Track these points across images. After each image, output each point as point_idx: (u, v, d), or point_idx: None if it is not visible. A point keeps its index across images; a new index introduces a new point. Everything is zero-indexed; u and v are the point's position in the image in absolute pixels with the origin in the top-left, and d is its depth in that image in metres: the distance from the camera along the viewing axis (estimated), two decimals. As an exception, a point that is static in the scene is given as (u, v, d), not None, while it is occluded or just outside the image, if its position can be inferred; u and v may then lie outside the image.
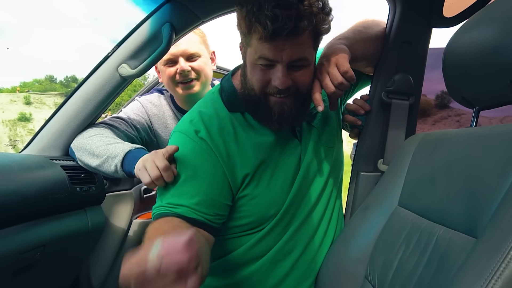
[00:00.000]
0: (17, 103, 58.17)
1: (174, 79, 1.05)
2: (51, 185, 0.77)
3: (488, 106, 0.67)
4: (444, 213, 0.57)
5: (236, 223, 0.78)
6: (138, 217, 1.32)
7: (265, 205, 0.77)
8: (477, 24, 0.63)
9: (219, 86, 0.83)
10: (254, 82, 0.71)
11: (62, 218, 0.81)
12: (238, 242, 0.80)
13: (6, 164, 0.70)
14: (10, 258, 0.64)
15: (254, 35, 0.66)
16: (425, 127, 2.22)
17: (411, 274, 0.58)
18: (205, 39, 1.10)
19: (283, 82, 0.68)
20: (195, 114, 0.78)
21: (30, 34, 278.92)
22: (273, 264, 0.80)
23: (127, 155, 0.81)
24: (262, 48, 0.66)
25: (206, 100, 0.82)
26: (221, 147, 0.74)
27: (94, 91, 0.91)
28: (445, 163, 0.62)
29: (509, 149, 0.48)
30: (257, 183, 0.76)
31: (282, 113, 0.72)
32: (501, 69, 0.56)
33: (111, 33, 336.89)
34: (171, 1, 0.85)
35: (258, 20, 0.63)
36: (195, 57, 1.05)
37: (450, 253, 0.52)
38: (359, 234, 0.78)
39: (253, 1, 0.63)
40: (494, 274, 0.37)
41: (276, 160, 0.78)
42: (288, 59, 0.67)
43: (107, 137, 0.90)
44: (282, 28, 0.62)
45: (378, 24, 0.92)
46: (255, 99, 0.73)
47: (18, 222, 0.68)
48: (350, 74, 0.72)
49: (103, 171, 0.86)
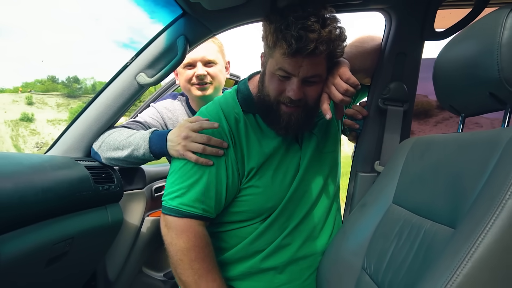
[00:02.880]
0: (19, 103, 58.23)
1: (191, 81, 1.15)
2: (78, 184, 0.85)
3: (473, 113, 0.73)
4: (431, 209, 0.64)
5: (237, 214, 0.86)
6: (149, 215, 1.38)
7: (264, 197, 0.85)
8: (462, 40, 0.70)
9: (236, 88, 0.91)
10: (271, 90, 0.80)
11: (87, 214, 0.89)
12: (239, 235, 0.87)
13: (40, 164, 0.78)
14: (45, 248, 0.72)
15: (278, 49, 0.75)
16: (426, 128, 2.26)
17: (402, 263, 0.65)
18: (222, 48, 1.20)
19: (296, 94, 0.77)
20: (216, 106, 0.87)
21: (32, 34, 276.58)
22: (274, 255, 0.86)
23: (151, 140, 0.90)
24: (282, 62, 0.75)
25: (225, 98, 0.90)
26: (235, 137, 0.83)
27: (114, 98, 0.99)
28: (433, 165, 0.68)
29: (484, 152, 0.54)
30: (259, 177, 0.84)
31: (289, 121, 0.81)
32: (481, 82, 0.62)
33: (112, 33, 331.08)
34: (185, 15, 0.93)
35: (285, 38, 0.72)
36: (211, 63, 1.15)
37: (434, 244, 0.58)
38: (357, 229, 0.84)
39: (282, 20, 0.73)
40: (466, 256, 0.44)
41: (278, 160, 0.86)
42: (304, 75, 0.76)
43: (125, 132, 0.98)
44: (304, 48, 0.71)
45: (373, 39, 0.99)
46: (268, 105, 0.82)
47: (52, 216, 0.75)
48: (353, 80, 0.79)
49: (132, 160, 0.94)
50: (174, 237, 0.78)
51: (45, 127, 53.57)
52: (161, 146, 0.87)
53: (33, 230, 0.68)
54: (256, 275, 0.87)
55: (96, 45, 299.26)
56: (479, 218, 0.47)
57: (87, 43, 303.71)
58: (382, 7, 0.93)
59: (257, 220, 0.86)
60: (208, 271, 0.77)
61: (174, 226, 0.78)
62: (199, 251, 0.77)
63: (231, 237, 0.88)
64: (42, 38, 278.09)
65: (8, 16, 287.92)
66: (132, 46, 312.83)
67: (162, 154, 0.90)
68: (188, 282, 0.76)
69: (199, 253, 0.77)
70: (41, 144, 41.49)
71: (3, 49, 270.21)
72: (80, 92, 71.81)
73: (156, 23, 1.20)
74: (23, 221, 0.67)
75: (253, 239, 0.86)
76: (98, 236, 0.95)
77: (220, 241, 0.89)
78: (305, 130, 0.89)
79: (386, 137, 0.95)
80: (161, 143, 0.88)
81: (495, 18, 0.60)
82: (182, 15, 0.94)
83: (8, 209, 0.63)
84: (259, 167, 0.84)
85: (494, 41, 0.59)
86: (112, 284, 1.23)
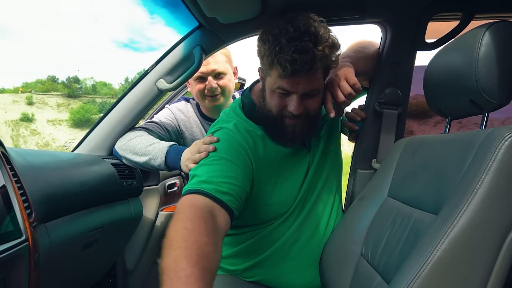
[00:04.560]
0: (19, 103, 58.04)
1: (203, 93, 1.22)
2: (106, 179, 0.94)
3: (458, 116, 0.81)
4: (420, 200, 0.70)
5: (250, 219, 0.89)
6: (163, 209, 1.46)
7: (278, 206, 0.88)
8: (447, 52, 0.77)
9: (239, 101, 0.94)
10: (272, 106, 0.82)
11: (114, 206, 0.98)
12: (250, 235, 0.91)
13: (75, 161, 0.87)
14: (83, 234, 0.81)
15: (274, 71, 0.76)
16: (426, 128, 2.28)
17: (395, 248, 0.71)
18: (230, 57, 1.27)
19: (297, 109, 0.79)
20: (227, 120, 0.88)
21: (32, 34, 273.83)
22: (283, 251, 0.90)
23: (168, 154, 0.98)
24: (280, 81, 0.77)
25: (231, 113, 0.92)
26: (249, 149, 0.84)
27: (136, 102, 1.08)
28: (422, 161, 0.75)
29: (463, 150, 0.62)
30: (273, 187, 0.86)
31: (294, 132, 0.84)
32: (463, 90, 0.70)
33: (112, 33, 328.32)
34: (201, 27, 1.03)
35: (279, 62, 0.72)
36: (221, 75, 1.22)
37: (421, 229, 0.65)
38: (356, 220, 0.90)
39: (275, 43, 0.73)
40: (443, 235, 0.53)
41: (289, 168, 0.89)
42: (302, 91, 0.78)
43: (145, 139, 1.06)
44: (299, 70, 0.72)
45: (373, 45, 1.05)
46: (272, 120, 0.84)
47: (87, 207, 0.85)
48: (358, 86, 0.84)
49: (148, 167, 1.03)
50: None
51: (45, 127, 53.51)
52: (176, 161, 0.96)
53: (74, 219, 0.78)
54: (262, 268, 0.92)
55: (96, 45, 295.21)
56: (455, 204, 0.55)
57: (87, 43, 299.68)
58: (378, 20, 1.01)
59: (269, 223, 0.90)
60: None
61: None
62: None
63: (241, 236, 0.92)
64: (42, 38, 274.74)
65: (8, 16, 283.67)
66: (132, 46, 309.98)
67: (175, 168, 0.98)
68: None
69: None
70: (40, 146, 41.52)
71: (3, 49, 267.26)
72: (80, 92, 71.67)
73: (156, 23, 1.27)
74: (66, 210, 0.77)
75: (263, 237, 0.90)
76: (122, 226, 1.04)
77: (229, 238, 0.93)
78: (310, 137, 0.92)
79: (382, 138, 1.02)
80: (176, 159, 0.96)
81: (474, 36, 0.68)
82: (198, 27, 1.03)
83: (56, 199, 0.72)
84: (270, 178, 0.85)
85: (472, 55, 0.66)
86: (130, 273, 1.32)
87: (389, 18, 1.00)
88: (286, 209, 0.89)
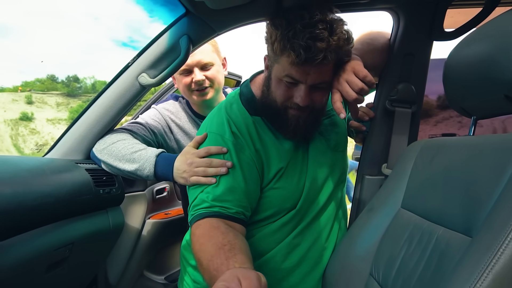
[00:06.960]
0: (18, 102, 58.27)
1: (190, 87, 1.11)
2: (78, 187, 0.83)
3: (485, 116, 0.72)
4: (444, 215, 0.62)
5: (255, 215, 0.83)
6: (151, 217, 1.38)
7: (282, 198, 0.83)
8: (475, 40, 0.68)
9: (238, 91, 0.89)
10: (278, 96, 0.78)
11: (88, 218, 0.87)
12: (250, 234, 0.84)
13: (39, 168, 0.76)
14: (45, 254, 0.70)
15: (285, 57, 0.72)
16: (426, 128, 2.25)
17: (413, 271, 0.63)
18: (217, 47, 1.16)
19: (304, 100, 0.76)
20: (222, 114, 0.84)
21: (32, 33, 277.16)
22: (284, 255, 0.85)
23: (157, 164, 0.90)
24: (290, 69, 0.73)
25: (229, 104, 0.87)
26: (250, 143, 0.80)
27: (115, 99, 0.97)
28: (444, 169, 0.67)
29: (500, 157, 0.53)
30: (278, 178, 0.82)
31: (297, 124, 0.80)
32: (496, 84, 0.61)
33: (111, 32, 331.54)
34: (189, 14, 0.91)
35: (293, 48, 0.69)
36: (208, 66, 1.11)
37: (448, 252, 0.56)
38: (364, 233, 0.83)
39: (288, 27, 0.70)
40: (486, 268, 0.43)
41: (291, 161, 0.84)
42: (311, 82, 0.75)
43: (129, 144, 0.96)
44: (313, 58, 0.69)
45: (383, 35, 0.97)
46: (275, 110, 0.80)
47: (52, 221, 0.74)
48: (369, 79, 0.77)
49: (134, 176, 0.94)
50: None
51: (44, 126, 53.64)
52: (167, 172, 0.88)
53: (32, 237, 0.67)
54: (260, 271, 0.85)
55: (95, 44, 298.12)
56: (499, 227, 0.45)
57: (86, 42, 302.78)
58: (389, 6, 0.92)
59: (271, 220, 0.85)
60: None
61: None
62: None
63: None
64: (42, 37, 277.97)
65: (8, 15, 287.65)
66: (131, 45, 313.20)
67: (166, 179, 0.91)
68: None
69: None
70: (40, 147, 41.36)
71: (3, 48, 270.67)
72: (80, 91, 71.87)
73: (155, 21, 1.18)
74: (22, 227, 0.65)
75: (264, 236, 0.84)
76: (99, 240, 0.93)
77: None
78: (313, 132, 0.88)
79: (394, 140, 0.94)
80: (167, 169, 0.88)
81: (508, 19, 0.59)
82: (185, 14, 0.92)
83: (7, 215, 0.61)
84: (277, 170, 0.82)
85: (508, 42, 0.57)
86: (113, 288, 1.22)
87: (402, 3, 0.90)
88: (290, 204, 0.85)
